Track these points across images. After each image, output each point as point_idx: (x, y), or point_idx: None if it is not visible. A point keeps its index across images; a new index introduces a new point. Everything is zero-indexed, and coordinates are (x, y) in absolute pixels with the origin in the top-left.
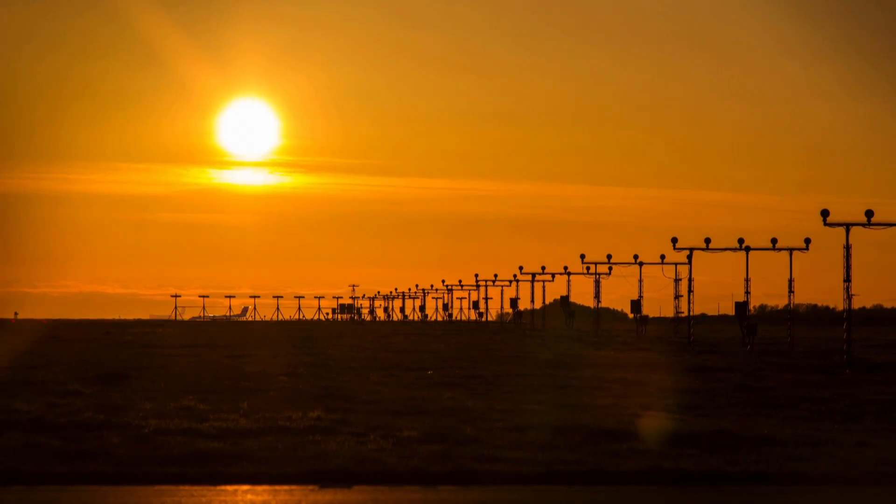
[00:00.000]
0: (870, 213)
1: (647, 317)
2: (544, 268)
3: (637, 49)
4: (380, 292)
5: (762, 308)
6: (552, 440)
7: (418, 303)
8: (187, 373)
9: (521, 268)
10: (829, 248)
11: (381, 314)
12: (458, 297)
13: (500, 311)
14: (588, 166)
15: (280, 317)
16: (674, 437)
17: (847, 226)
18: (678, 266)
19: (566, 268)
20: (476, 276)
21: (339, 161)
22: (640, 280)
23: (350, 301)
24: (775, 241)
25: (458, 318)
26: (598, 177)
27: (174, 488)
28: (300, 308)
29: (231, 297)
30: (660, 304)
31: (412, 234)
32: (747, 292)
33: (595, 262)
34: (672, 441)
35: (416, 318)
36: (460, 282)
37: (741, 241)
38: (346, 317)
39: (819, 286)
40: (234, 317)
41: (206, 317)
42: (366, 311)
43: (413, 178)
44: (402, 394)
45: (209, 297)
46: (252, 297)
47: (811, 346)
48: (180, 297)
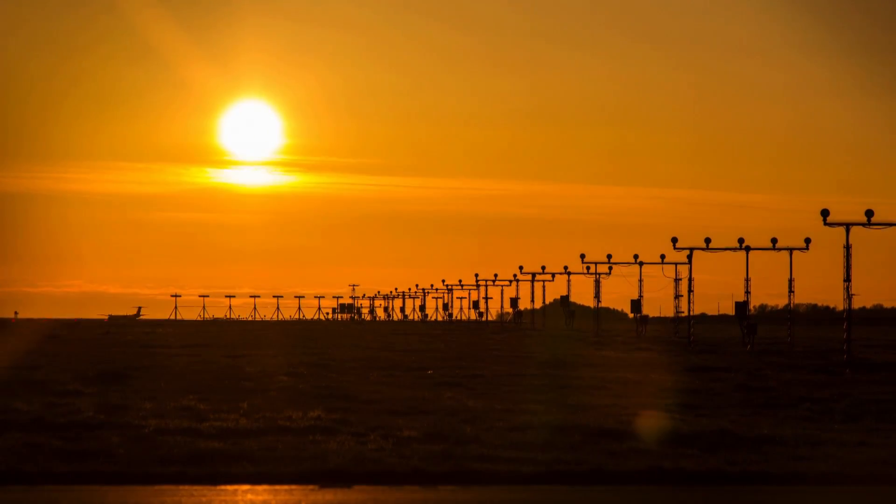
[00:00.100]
0: (870, 213)
1: (647, 317)
2: (544, 268)
3: (637, 50)
4: (380, 292)
5: (762, 308)
6: (552, 440)
7: (418, 302)
8: (187, 373)
9: (521, 267)
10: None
11: (381, 314)
12: (458, 297)
13: (500, 311)
14: (588, 166)
15: (280, 316)
16: (674, 436)
17: (847, 226)
18: (678, 266)
19: (566, 268)
20: (476, 275)
21: (340, 161)
22: (640, 280)
23: (350, 301)
24: (775, 241)
25: (459, 317)
26: (598, 177)
27: (174, 488)
28: (300, 308)
29: (231, 296)
30: (660, 303)
31: (412, 234)
32: (747, 292)
33: (595, 262)
34: (672, 441)
35: (416, 317)
36: (460, 282)
37: (741, 240)
38: (346, 316)
39: (819, 286)
40: (131, 317)
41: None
42: (366, 311)
43: (413, 178)
44: (402, 394)
45: (209, 296)
46: (252, 296)
47: (811, 346)
48: (180, 297)
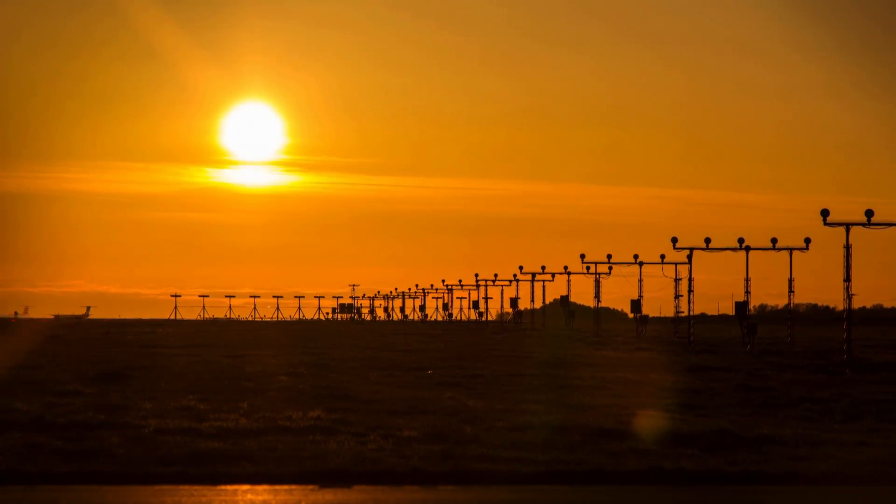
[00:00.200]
0: (870, 213)
1: (647, 316)
2: (544, 267)
3: (637, 50)
4: (380, 292)
5: (762, 308)
6: (552, 440)
7: (418, 302)
8: (187, 373)
9: (521, 267)
10: (829, 248)
11: (381, 314)
12: (458, 297)
13: (500, 311)
14: (589, 166)
15: (280, 316)
16: (674, 436)
17: (847, 226)
18: (678, 266)
19: (566, 267)
20: (476, 275)
21: (340, 161)
22: (640, 280)
23: (350, 301)
24: (775, 241)
25: (458, 317)
26: (598, 177)
27: (174, 488)
28: (300, 308)
29: (231, 296)
30: (660, 303)
31: (412, 234)
32: (747, 292)
33: (595, 262)
34: (672, 441)
35: (416, 317)
36: (460, 281)
37: (741, 240)
38: (346, 316)
39: (819, 286)
40: (79, 317)
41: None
42: (366, 311)
43: (413, 178)
44: (402, 394)
45: (209, 296)
46: (252, 296)
47: (811, 346)
48: (180, 297)
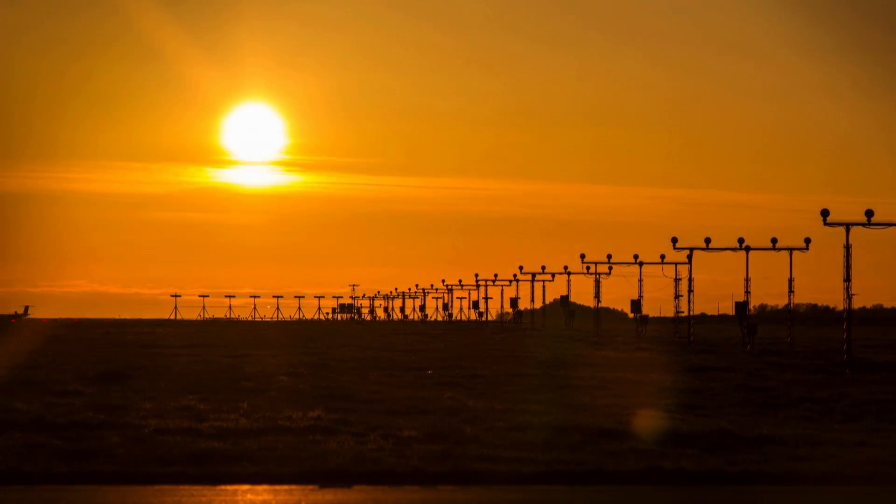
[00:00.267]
0: (870, 213)
1: (647, 316)
2: (544, 267)
3: (637, 49)
4: (380, 292)
5: (762, 308)
6: (552, 440)
7: (418, 302)
8: (187, 372)
9: (521, 267)
10: (829, 248)
11: (381, 314)
12: (458, 297)
13: (500, 311)
14: (588, 166)
15: (280, 316)
16: (674, 436)
17: (847, 225)
18: (678, 266)
19: (566, 267)
20: (476, 275)
21: (340, 161)
22: (640, 280)
23: (350, 301)
24: (775, 240)
25: (458, 317)
26: (598, 176)
27: (174, 488)
28: (300, 308)
29: (231, 296)
30: (660, 303)
31: (412, 234)
32: (747, 292)
33: (595, 262)
34: (672, 441)
35: (416, 317)
36: (460, 281)
37: (741, 240)
38: (346, 316)
39: (819, 286)
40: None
41: None
42: (366, 311)
43: (413, 178)
44: (402, 394)
45: (209, 296)
46: (252, 296)
47: (811, 346)
48: (180, 297)
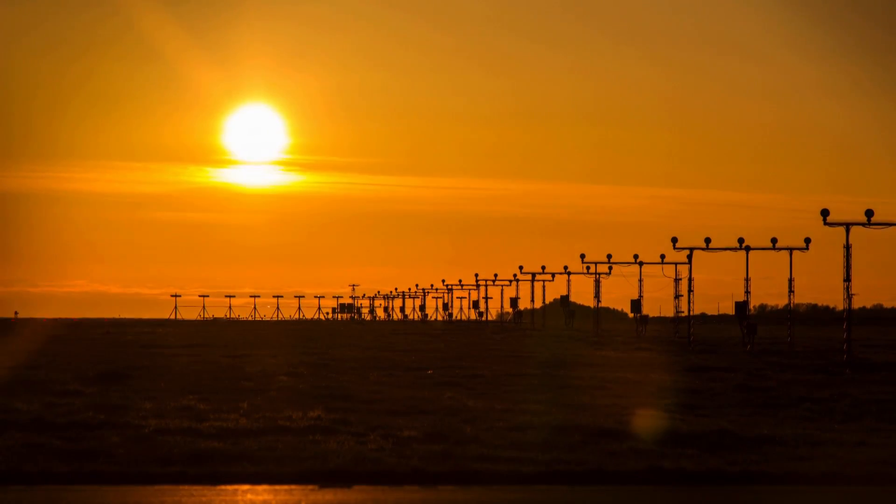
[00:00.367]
0: (870, 213)
1: (647, 316)
2: (544, 267)
3: (637, 49)
4: (380, 292)
5: (762, 308)
6: (552, 440)
7: (418, 302)
8: (187, 372)
9: (521, 267)
10: (829, 248)
11: (381, 314)
12: (458, 297)
13: (500, 311)
14: (588, 166)
15: (280, 316)
16: (674, 436)
17: (847, 225)
18: (678, 266)
19: (566, 267)
20: (476, 275)
21: (340, 161)
22: (640, 280)
23: (350, 301)
24: (775, 240)
25: (459, 317)
26: (598, 176)
27: (174, 488)
28: (300, 308)
29: (231, 296)
30: (660, 303)
31: (412, 234)
32: (747, 292)
33: (595, 262)
34: (672, 441)
35: (416, 317)
36: (460, 281)
37: (741, 240)
38: (346, 316)
39: (819, 286)
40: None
41: None
42: (366, 311)
43: (413, 178)
44: (402, 393)
45: (209, 296)
46: (252, 296)
47: (811, 346)
48: (180, 297)
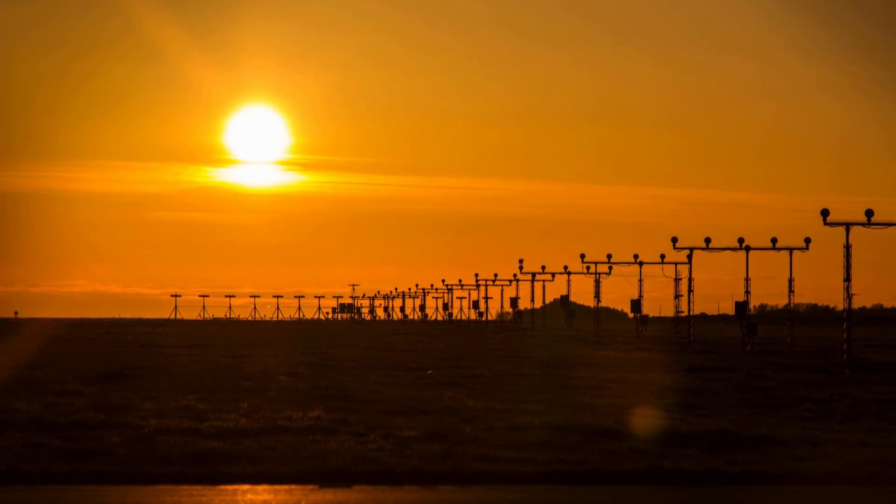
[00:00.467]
0: (870, 213)
1: (647, 316)
2: (544, 267)
3: (638, 49)
4: (380, 292)
5: (762, 308)
6: (552, 440)
7: (418, 302)
8: (187, 372)
9: (521, 266)
10: (829, 248)
11: (381, 314)
12: (458, 297)
13: (500, 311)
14: (588, 165)
15: (280, 316)
16: (674, 436)
17: (847, 225)
18: (678, 266)
19: (566, 267)
20: (476, 275)
21: (340, 160)
22: (640, 280)
23: (350, 300)
24: (775, 240)
25: (459, 317)
26: (598, 176)
27: (174, 488)
28: (300, 307)
29: (231, 296)
30: (660, 303)
31: (412, 234)
32: (747, 292)
33: (595, 262)
34: (672, 441)
35: (416, 317)
36: (460, 281)
37: (741, 240)
38: (346, 316)
39: (819, 286)
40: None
41: None
42: (366, 311)
43: (413, 178)
44: (402, 393)
45: (209, 296)
46: (252, 296)
47: (811, 346)
48: (180, 296)
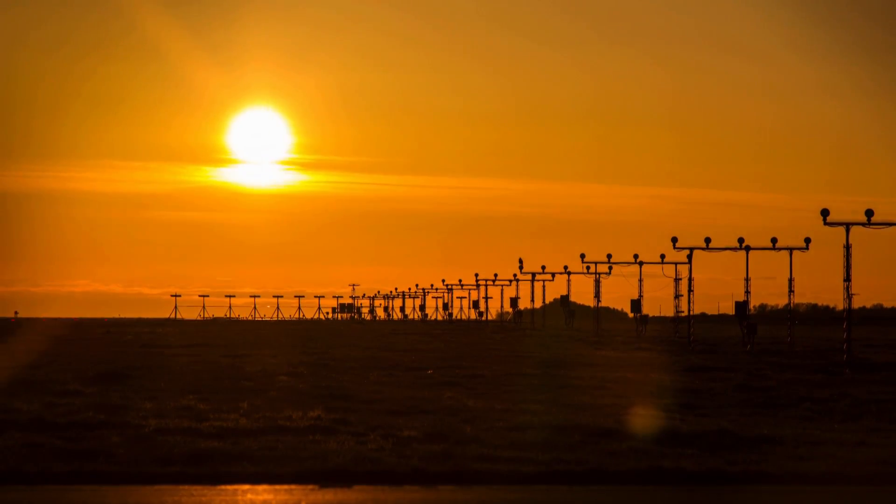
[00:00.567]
0: (870, 213)
1: (647, 316)
2: (544, 267)
3: (637, 49)
4: (380, 292)
5: (762, 308)
6: (552, 440)
7: (418, 302)
8: (187, 372)
9: (521, 266)
10: (829, 248)
11: (381, 313)
12: (458, 297)
13: (500, 311)
14: (588, 165)
15: (280, 316)
16: (674, 436)
17: (847, 225)
18: (678, 265)
19: (566, 267)
20: (476, 275)
21: (340, 160)
22: (640, 279)
23: (350, 300)
24: (775, 240)
25: (459, 317)
26: (598, 176)
27: (174, 488)
28: (300, 307)
29: (231, 296)
30: (660, 303)
31: (412, 234)
32: (747, 292)
33: (595, 262)
34: (672, 441)
35: (416, 317)
36: (460, 281)
37: (741, 240)
38: (346, 316)
39: (819, 286)
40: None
41: None
42: (366, 311)
43: (413, 178)
44: (402, 393)
45: (209, 296)
46: (252, 296)
47: (811, 346)
48: (181, 296)
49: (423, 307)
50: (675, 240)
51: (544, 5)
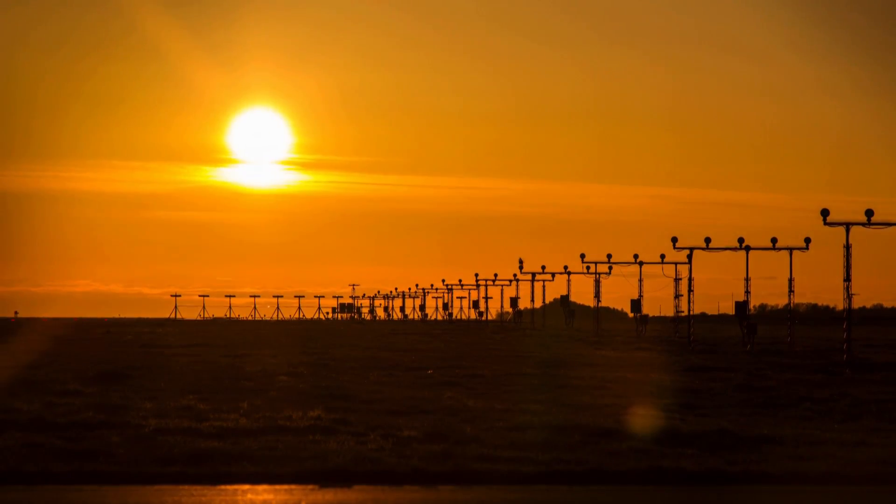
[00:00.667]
0: (870, 213)
1: (647, 316)
2: (544, 267)
3: (637, 49)
4: (380, 291)
5: (762, 308)
6: (552, 440)
7: (418, 302)
8: (187, 372)
9: (521, 266)
10: (829, 248)
11: (381, 313)
12: (458, 297)
13: (500, 311)
14: (588, 165)
15: (280, 316)
16: (674, 436)
17: (847, 225)
18: (678, 265)
19: (566, 267)
20: (476, 275)
21: (340, 160)
22: (640, 279)
23: (350, 300)
24: (775, 240)
25: (459, 317)
26: (598, 176)
27: (174, 488)
28: (300, 307)
29: (231, 296)
30: (660, 303)
31: (412, 234)
32: (747, 292)
33: (595, 262)
34: (672, 441)
35: (416, 317)
36: (460, 281)
37: (741, 240)
38: (346, 316)
39: (819, 286)
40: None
41: None
42: (366, 311)
43: (413, 178)
44: (402, 393)
45: (209, 296)
46: (252, 296)
47: (811, 346)
48: (181, 296)
49: (423, 307)
50: (675, 240)
51: (544, 5)
